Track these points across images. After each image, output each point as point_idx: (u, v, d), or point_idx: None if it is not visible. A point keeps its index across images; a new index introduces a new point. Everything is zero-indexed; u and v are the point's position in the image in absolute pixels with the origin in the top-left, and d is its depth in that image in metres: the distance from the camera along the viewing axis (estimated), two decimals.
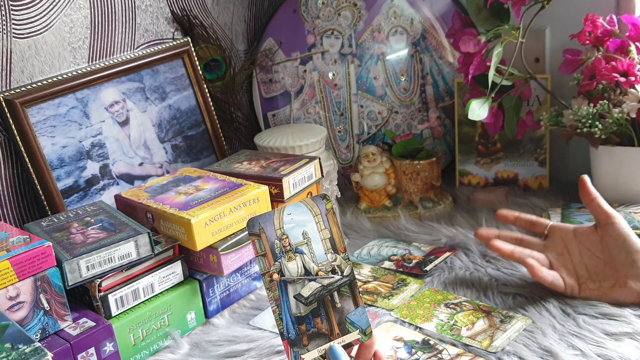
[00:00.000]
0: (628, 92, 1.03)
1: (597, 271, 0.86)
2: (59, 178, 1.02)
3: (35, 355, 0.62)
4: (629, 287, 0.83)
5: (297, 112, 1.32)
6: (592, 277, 0.86)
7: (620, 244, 0.84)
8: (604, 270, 0.85)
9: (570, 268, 0.87)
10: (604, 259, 0.85)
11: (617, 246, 0.84)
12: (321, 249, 0.70)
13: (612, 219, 0.85)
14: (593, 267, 0.86)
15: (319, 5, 1.29)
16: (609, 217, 0.86)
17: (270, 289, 0.68)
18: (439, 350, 0.80)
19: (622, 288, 0.83)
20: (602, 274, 0.85)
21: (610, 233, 0.85)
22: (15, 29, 0.98)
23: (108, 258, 0.82)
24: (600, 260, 0.86)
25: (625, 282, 0.83)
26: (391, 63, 1.29)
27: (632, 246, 0.83)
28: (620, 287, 0.83)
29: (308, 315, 0.68)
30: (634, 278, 0.83)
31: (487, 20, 1.09)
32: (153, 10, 1.18)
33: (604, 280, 0.85)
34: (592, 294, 0.85)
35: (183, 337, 0.89)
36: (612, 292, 0.84)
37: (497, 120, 1.11)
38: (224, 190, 0.95)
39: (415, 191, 1.18)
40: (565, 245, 0.89)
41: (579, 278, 0.87)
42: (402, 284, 0.97)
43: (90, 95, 1.07)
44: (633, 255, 0.83)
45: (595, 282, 0.85)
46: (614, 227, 0.85)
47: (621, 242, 0.84)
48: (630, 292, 0.83)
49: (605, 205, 0.87)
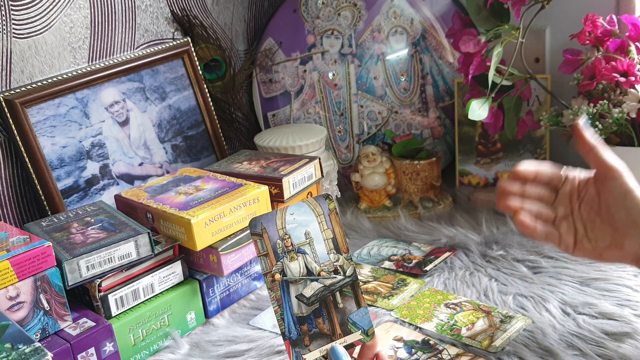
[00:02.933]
0: (628, 92, 1.03)
1: (594, 228, 0.77)
2: (59, 178, 1.02)
3: (35, 355, 0.62)
4: (626, 248, 0.74)
5: (297, 112, 1.32)
6: (587, 234, 0.77)
7: (621, 201, 0.74)
8: (601, 228, 0.76)
9: (570, 222, 0.78)
10: (601, 215, 0.76)
11: (617, 203, 0.74)
12: (324, 249, 0.69)
13: (613, 172, 0.74)
14: (590, 223, 0.77)
15: (319, 5, 1.29)
16: (609, 170, 0.74)
17: (272, 289, 0.68)
18: (439, 350, 0.80)
19: (618, 249, 0.75)
20: (598, 231, 0.76)
21: (610, 188, 0.74)
22: (15, 29, 0.98)
23: (108, 258, 0.82)
24: (597, 215, 0.76)
25: (622, 243, 0.74)
26: (391, 63, 1.29)
27: (634, 204, 0.73)
28: (617, 248, 0.75)
29: (310, 315, 0.68)
30: (632, 239, 0.73)
31: (487, 20, 1.08)
32: (153, 10, 1.18)
33: (600, 238, 0.76)
34: (585, 254, 0.78)
35: (183, 337, 0.89)
36: (607, 253, 0.76)
37: (497, 120, 1.11)
38: (224, 190, 0.95)
39: (415, 191, 1.18)
40: (570, 198, 0.79)
41: (576, 234, 0.78)
42: (402, 284, 0.97)
43: (90, 95, 1.07)
44: (633, 214, 0.73)
45: (591, 240, 0.77)
46: (615, 182, 0.74)
47: (621, 198, 0.74)
48: (626, 254, 0.75)
49: (606, 156, 0.75)
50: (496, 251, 1.02)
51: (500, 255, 1.01)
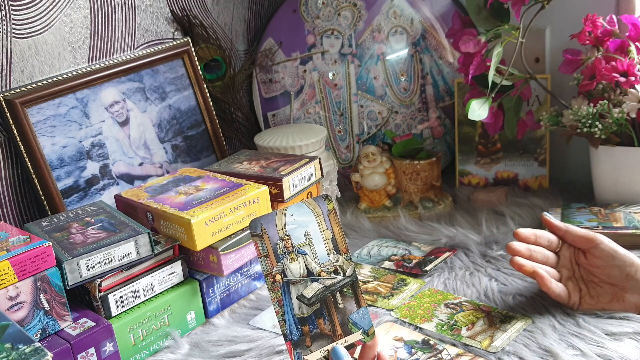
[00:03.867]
0: (628, 92, 1.03)
1: (594, 287, 0.85)
2: (59, 178, 1.02)
3: (35, 355, 0.62)
4: (627, 300, 0.82)
5: (297, 112, 1.32)
6: (590, 292, 0.85)
7: (611, 262, 0.83)
8: (601, 287, 0.84)
9: (574, 282, 0.87)
10: (598, 276, 0.85)
11: (608, 264, 0.83)
12: (323, 250, 0.70)
13: (594, 241, 0.84)
14: (590, 283, 0.85)
15: (319, 5, 1.29)
16: (590, 241, 0.84)
17: (273, 290, 0.68)
18: (439, 350, 0.80)
19: (619, 302, 0.83)
20: (599, 289, 0.84)
21: (596, 254, 0.84)
22: (15, 29, 0.98)
23: (108, 258, 0.82)
24: (595, 277, 0.85)
25: (622, 296, 0.83)
26: (391, 63, 1.29)
27: (623, 261, 0.82)
28: (618, 301, 0.83)
29: (311, 316, 0.68)
30: (631, 291, 0.82)
31: (487, 20, 1.09)
32: (153, 10, 1.18)
33: (602, 295, 0.84)
34: (590, 308, 0.85)
35: (183, 337, 0.89)
36: (609, 307, 0.83)
37: (497, 120, 1.11)
38: (224, 190, 0.95)
39: (415, 191, 1.18)
40: (570, 260, 0.88)
41: (580, 292, 0.86)
42: (402, 284, 0.97)
43: (90, 95, 1.07)
44: (627, 269, 0.82)
45: (593, 297, 0.85)
46: (599, 248, 0.84)
47: (610, 259, 0.83)
48: (628, 305, 0.82)
49: (581, 232, 0.86)
50: (496, 251, 1.02)
51: (500, 255, 1.01)
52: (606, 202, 1.09)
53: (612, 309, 0.83)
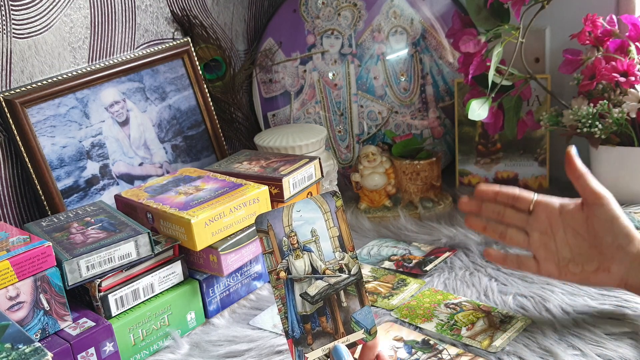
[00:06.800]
0: (628, 92, 1.03)
1: (581, 252, 0.80)
2: (59, 178, 1.02)
3: (35, 355, 0.62)
4: (612, 271, 0.78)
5: (297, 112, 1.32)
6: (575, 258, 0.80)
7: (608, 227, 0.78)
8: (588, 252, 0.79)
9: (552, 249, 0.82)
10: (589, 240, 0.79)
11: (604, 228, 0.78)
12: (329, 247, 0.69)
13: (601, 199, 0.78)
14: (577, 247, 0.80)
15: (319, 5, 1.29)
16: (597, 197, 0.78)
17: (277, 287, 0.67)
18: (439, 350, 0.80)
19: (605, 272, 0.79)
20: (585, 255, 0.80)
21: (597, 214, 0.78)
22: (15, 29, 0.98)
23: (108, 258, 0.82)
24: (584, 240, 0.80)
25: (608, 267, 0.78)
26: (391, 63, 1.29)
27: (620, 229, 0.77)
28: (604, 272, 0.79)
29: (314, 314, 0.68)
30: (619, 263, 0.78)
31: (487, 20, 1.09)
32: (153, 10, 1.18)
33: (587, 262, 0.79)
34: (573, 278, 0.81)
35: (183, 337, 0.89)
36: (594, 276, 0.80)
37: (497, 120, 1.11)
38: (224, 190, 0.95)
39: (415, 191, 1.18)
40: (549, 224, 0.82)
41: (560, 260, 0.81)
42: (402, 284, 0.97)
43: (90, 95, 1.07)
44: (619, 239, 0.77)
45: (578, 264, 0.80)
46: (602, 208, 0.78)
47: (609, 224, 0.78)
48: (613, 277, 0.79)
49: (594, 183, 0.79)
50: None
51: None
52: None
53: (597, 280, 0.80)
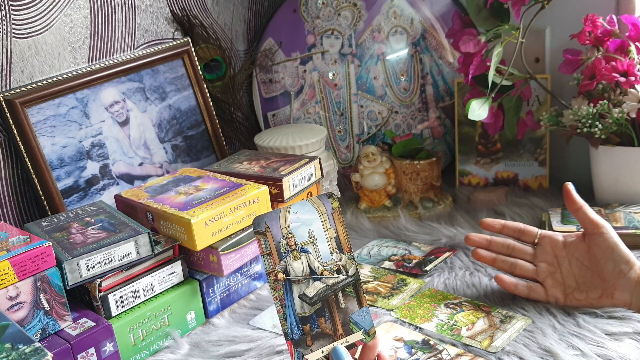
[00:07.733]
0: (628, 92, 1.03)
1: (585, 281, 0.85)
2: (59, 178, 1.02)
3: (35, 355, 0.62)
4: (616, 297, 0.82)
5: (297, 112, 1.32)
6: (580, 287, 0.85)
7: (608, 254, 0.82)
8: (592, 280, 0.84)
9: (558, 278, 0.86)
10: (591, 268, 0.84)
11: (605, 256, 0.83)
12: (326, 249, 0.69)
13: (600, 228, 0.83)
14: (581, 277, 0.85)
15: (319, 5, 1.29)
16: (596, 226, 0.84)
17: (275, 289, 0.67)
18: (439, 350, 0.80)
19: (608, 298, 0.83)
20: (589, 284, 0.84)
21: (598, 243, 0.83)
22: (15, 29, 0.98)
23: (108, 258, 0.82)
24: (588, 270, 0.84)
25: (612, 293, 0.83)
26: (391, 63, 1.29)
27: (620, 256, 0.82)
28: (607, 298, 0.83)
29: (312, 315, 0.68)
30: (621, 289, 0.82)
31: (487, 20, 1.09)
32: (153, 10, 1.18)
33: (591, 290, 0.84)
34: (578, 304, 0.85)
35: (183, 337, 0.89)
36: (598, 302, 0.83)
37: (497, 120, 1.11)
38: (224, 190, 0.95)
39: (415, 191, 1.18)
40: (554, 255, 0.87)
41: (566, 288, 0.86)
42: (402, 284, 0.97)
43: (90, 95, 1.07)
44: (621, 266, 0.82)
45: (583, 292, 0.85)
46: (602, 237, 0.83)
47: (609, 252, 0.82)
48: (616, 303, 0.82)
49: (592, 214, 0.85)
50: None
51: None
52: (606, 202, 1.09)
53: (602, 306, 0.83)
